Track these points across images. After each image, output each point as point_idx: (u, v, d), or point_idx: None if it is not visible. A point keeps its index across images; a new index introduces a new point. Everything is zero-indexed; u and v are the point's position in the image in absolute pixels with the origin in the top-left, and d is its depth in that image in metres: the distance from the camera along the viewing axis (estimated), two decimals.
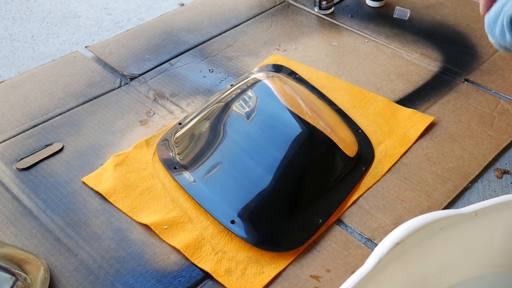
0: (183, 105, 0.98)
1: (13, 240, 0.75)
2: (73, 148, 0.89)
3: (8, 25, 1.25)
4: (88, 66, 1.07)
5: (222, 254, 0.72)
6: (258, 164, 0.78)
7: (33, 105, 0.98)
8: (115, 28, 1.23)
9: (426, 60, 1.07)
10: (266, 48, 1.11)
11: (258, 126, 0.82)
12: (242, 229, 0.74)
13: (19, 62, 1.13)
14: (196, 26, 1.18)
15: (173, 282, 0.70)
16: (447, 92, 0.99)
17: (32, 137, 0.91)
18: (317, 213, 0.77)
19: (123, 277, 0.71)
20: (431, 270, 0.57)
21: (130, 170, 0.84)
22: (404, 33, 1.14)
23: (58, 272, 0.71)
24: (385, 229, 0.76)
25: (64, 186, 0.83)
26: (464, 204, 0.79)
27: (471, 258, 0.60)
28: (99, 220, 0.78)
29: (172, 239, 0.74)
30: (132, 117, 0.95)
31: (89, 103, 0.99)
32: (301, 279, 0.70)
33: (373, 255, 0.49)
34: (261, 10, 1.23)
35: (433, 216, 0.52)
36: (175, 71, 1.06)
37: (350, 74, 1.04)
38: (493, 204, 0.54)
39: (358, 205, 0.79)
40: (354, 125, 0.91)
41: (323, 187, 0.80)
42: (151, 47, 1.12)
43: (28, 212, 0.79)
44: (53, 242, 0.75)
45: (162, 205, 0.79)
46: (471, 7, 1.23)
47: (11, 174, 0.85)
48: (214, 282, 0.70)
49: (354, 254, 0.73)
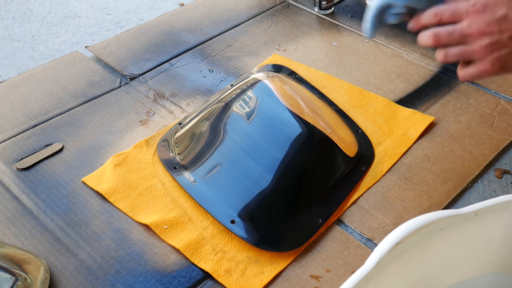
0: (183, 105, 0.98)
1: (13, 240, 0.75)
2: (73, 148, 0.89)
3: (8, 25, 1.25)
4: (88, 66, 1.07)
5: (222, 254, 0.72)
6: (258, 164, 0.78)
7: (33, 105, 0.98)
8: (115, 28, 1.23)
9: (426, 60, 1.07)
10: (266, 48, 1.11)
11: (258, 126, 0.82)
12: (242, 229, 0.74)
13: (19, 62, 1.13)
14: (196, 26, 1.18)
15: (173, 282, 0.70)
16: (447, 92, 0.99)
17: (32, 137, 0.91)
18: (317, 213, 0.77)
19: (123, 277, 0.71)
20: (431, 270, 0.57)
21: (130, 170, 0.84)
22: (404, 33, 1.14)
23: (58, 272, 0.71)
24: (385, 229, 0.76)
25: (64, 186, 0.83)
26: (464, 204, 0.79)
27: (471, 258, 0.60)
28: (99, 220, 0.78)
29: (172, 239, 0.74)
30: (132, 117, 0.95)
31: (89, 103, 0.99)
32: (301, 279, 0.70)
33: (373, 255, 0.49)
34: (261, 10, 1.23)
35: (433, 216, 0.52)
36: (175, 71, 1.06)
37: (350, 74, 1.04)
38: (493, 204, 0.54)
39: (358, 205, 0.79)
40: (354, 125, 0.91)
41: (323, 187, 0.80)
42: (151, 47, 1.12)
43: (28, 212, 0.79)
44: (53, 242, 0.75)
45: (162, 205, 0.79)
46: None
47: (11, 174, 0.85)
48: (214, 282, 0.70)
49: (354, 254, 0.73)
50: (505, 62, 0.64)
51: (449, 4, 0.66)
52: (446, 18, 0.66)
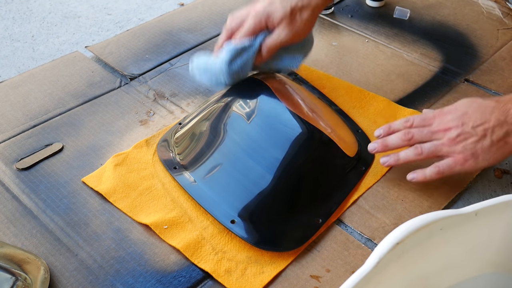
0: (183, 105, 0.98)
1: (13, 240, 0.75)
2: (73, 148, 0.89)
3: (8, 25, 1.25)
4: (88, 66, 1.07)
5: (222, 254, 0.72)
6: (258, 164, 0.78)
7: (33, 105, 0.98)
8: (115, 28, 1.23)
9: (426, 60, 1.07)
10: None
11: (258, 126, 0.82)
12: (242, 229, 0.74)
13: (19, 62, 1.13)
14: (196, 26, 1.18)
15: (173, 282, 0.70)
16: (447, 92, 0.99)
17: (32, 137, 0.91)
18: (317, 213, 0.77)
19: (123, 277, 0.71)
20: (431, 270, 0.57)
21: (130, 170, 0.84)
22: (404, 33, 1.14)
23: (58, 272, 0.71)
24: (385, 229, 0.76)
25: (64, 186, 0.83)
26: (464, 204, 0.79)
27: (471, 258, 0.60)
28: (99, 220, 0.78)
29: (172, 239, 0.74)
30: (132, 117, 0.95)
31: (89, 103, 0.99)
32: (301, 279, 0.70)
33: (373, 255, 0.49)
34: None
35: (433, 216, 0.52)
36: (175, 71, 1.06)
37: (350, 74, 1.04)
38: (493, 204, 0.54)
39: (358, 205, 0.79)
40: (354, 125, 0.91)
41: (323, 187, 0.80)
42: (151, 47, 1.12)
43: (28, 212, 0.79)
44: (53, 242, 0.75)
45: (162, 205, 0.79)
46: (471, 7, 1.23)
47: (11, 174, 0.85)
48: (214, 282, 0.70)
49: (354, 254, 0.73)
50: (474, 150, 0.73)
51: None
52: (416, 123, 0.78)
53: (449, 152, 0.74)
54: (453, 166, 0.74)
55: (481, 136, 0.73)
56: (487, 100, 0.76)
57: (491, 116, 0.74)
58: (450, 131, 0.74)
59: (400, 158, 0.79)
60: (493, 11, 1.21)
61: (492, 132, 0.73)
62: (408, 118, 0.80)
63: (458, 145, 0.73)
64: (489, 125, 0.73)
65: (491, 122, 0.73)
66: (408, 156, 0.78)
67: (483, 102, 0.76)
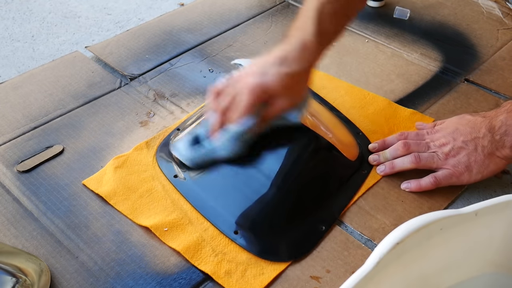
0: (183, 105, 0.98)
1: (13, 242, 0.75)
2: (73, 150, 0.89)
3: (8, 25, 1.25)
4: (88, 66, 1.07)
5: (222, 256, 0.72)
6: (259, 173, 0.78)
7: (33, 107, 0.98)
8: (115, 28, 1.23)
9: (426, 60, 1.07)
10: (266, 48, 1.11)
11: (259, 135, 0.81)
12: (245, 239, 0.74)
13: (19, 62, 1.13)
14: (196, 26, 1.18)
15: (174, 284, 0.70)
16: (447, 92, 0.99)
17: (33, 139, 0.91)
18: (320, 220, 0.77)
19: (124, 279, 0.71)
20: (431, 270, 0.58)
21: (130, 172, 0.84)
22: (404, 33, 1.14)
23: (59, 274, 0.71)
24: (385, 230, 0.76)
25: (65, 188, 0.83)
26: (464, 204, 0.79)
27: (471, 258, 0.60)
28: (100, 222, 0.78)
29: (172, 241, 0.74)
30: (132, 118, 0.95)
31: (89, 104, 0.99)
32: (301, 280, 0.70)
33: (373, 255, 0.49)
34: (261, 10, 1.23)
35: (433, 216, 0.52)
36: (175, 71, 1.06)
37: (350, 74, 1.04)
38: (493, 204, 0.54)
39: (358, 206, 0.79)
40: (354, 128, 0.91)
41: (325, 193, 0.80)
42: (151, 47, 1.12)
43: (28, 214, 0.79)
44: (54, 244, 0.75)
45: (162, 207, 0.79)
46: (471, 7, 1.23)
47: (12, 177, 0.85)
48: (214, 283, 0.70)
49: (354, 254, 0.73)
50: (468, 163, 0.77)
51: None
52: (411, 137, 0.83)
53: (444, 165, 0.79)
54: (449, 177, 0.78)
55: (473, 150, 0.78)
56: (475, 116, 0.81)
57: (480, 131, 0.78)
58: (444, 146, 0.79)
59: (395, 166, 0.82)
60: (493, 11, 1.21)
61: (482, 146, 0.77)
62: (403, 132, 0.85)
63: (452, 159, 0.78)
64: (479, 139, 0.78)
65: (480, 136, 0.78)
66: (404, 164, 0.81)
67: (471, 118, 0.81)
